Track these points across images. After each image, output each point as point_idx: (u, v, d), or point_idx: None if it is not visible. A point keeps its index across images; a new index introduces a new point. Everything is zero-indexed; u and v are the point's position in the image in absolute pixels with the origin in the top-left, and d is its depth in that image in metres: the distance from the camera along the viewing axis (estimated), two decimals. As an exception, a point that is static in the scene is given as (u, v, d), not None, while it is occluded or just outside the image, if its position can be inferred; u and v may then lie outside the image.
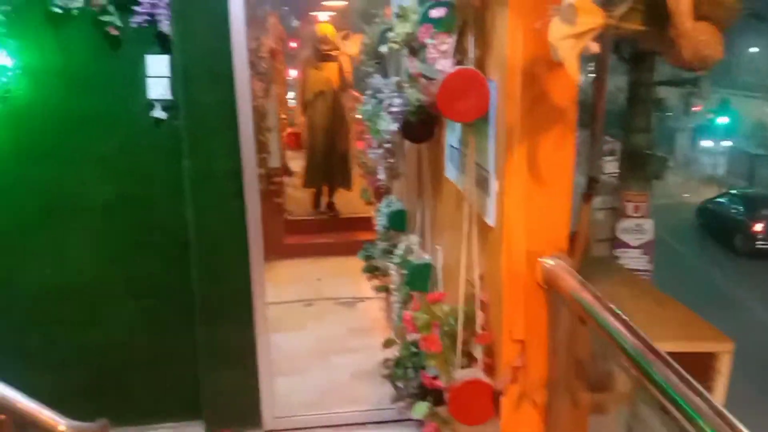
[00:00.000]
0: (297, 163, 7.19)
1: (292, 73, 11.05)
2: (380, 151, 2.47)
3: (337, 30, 6.11)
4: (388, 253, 3.33)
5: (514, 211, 1.44)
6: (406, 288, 2.51)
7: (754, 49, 23.75)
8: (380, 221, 3.41)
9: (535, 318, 1.49)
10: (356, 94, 5.56)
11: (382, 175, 2.64)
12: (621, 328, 1.10)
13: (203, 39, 2.80)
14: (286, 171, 7.00)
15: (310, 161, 5.90)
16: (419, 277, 2.32)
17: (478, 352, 1.58)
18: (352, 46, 6.06)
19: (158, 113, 2.91)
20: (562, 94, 1.38)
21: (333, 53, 5.41)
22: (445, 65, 1.51)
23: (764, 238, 12.55)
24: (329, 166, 5.80)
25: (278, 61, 5.71)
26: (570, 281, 1.34)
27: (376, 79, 3.10)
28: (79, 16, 2.79)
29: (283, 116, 6.89)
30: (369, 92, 3.18)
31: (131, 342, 3.11)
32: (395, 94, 2.32)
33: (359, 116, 3.22)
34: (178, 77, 2.83)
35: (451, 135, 1.98)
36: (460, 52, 1.60)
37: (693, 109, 23.76)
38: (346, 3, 7.17)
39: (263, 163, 5.37)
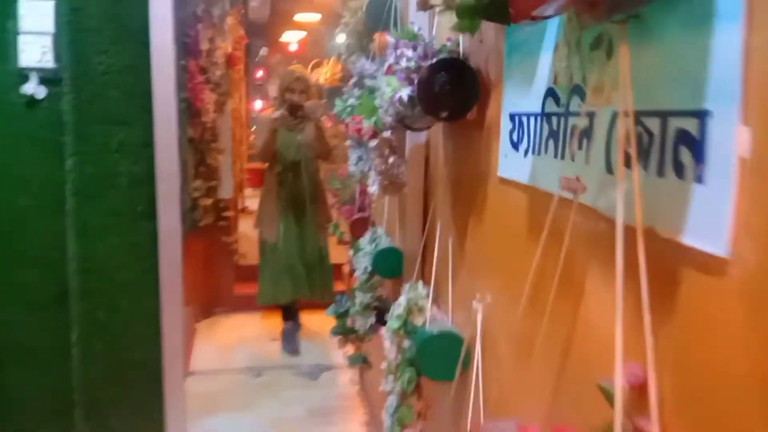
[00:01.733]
0: (255, 201, 6.17)
1: (256, 105, 10.24)
2: (375, 143, 1.51)
3: (306, 62, 5.37)
4: (372, 309, 2.36)
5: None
6: (409, 371, 1.53)
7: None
8: (360, 264, 2.43)
9: None
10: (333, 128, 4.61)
11: (374, 188, 1.68)
12: None
13: (107, -25, 1.85)
14: (240, 207, 5.99)
15: (272, 267, 4.04)
16: (439, 356, 1.35)
17: None
18: (325, 73, 5.49)
19: (33, 88, 1.92)
20: None
21: (308, 113, 4.20)
22: None
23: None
24: (305, 271, 4.09)
25: (236, 70, 4.77)
26: None
27: (361, 63, 2.21)
28: None
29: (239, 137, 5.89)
30: (351, 83, 2.29)
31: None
32: (406, 45, 1.39)
33: (336, 115, 2.29)
34: (65, 32, 1.87)
35: (521, 96, 1.04)
36: None
37: None
38: (320, 17, 6.34)
39: (211, 193, 4.40)
